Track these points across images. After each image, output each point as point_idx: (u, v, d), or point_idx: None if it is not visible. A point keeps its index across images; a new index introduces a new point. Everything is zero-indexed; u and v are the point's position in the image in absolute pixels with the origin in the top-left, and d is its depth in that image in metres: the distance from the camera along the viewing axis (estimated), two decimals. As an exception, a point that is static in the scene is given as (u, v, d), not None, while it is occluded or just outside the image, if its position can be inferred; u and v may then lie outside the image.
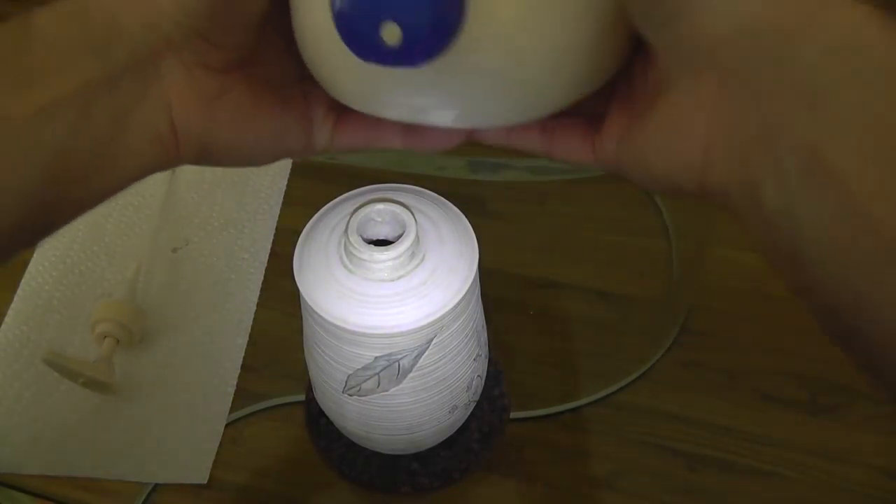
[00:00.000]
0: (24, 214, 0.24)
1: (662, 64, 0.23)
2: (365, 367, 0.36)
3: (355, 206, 0.36)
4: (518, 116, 0.26)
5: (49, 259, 0.54)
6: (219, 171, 0.58)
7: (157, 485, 0.45)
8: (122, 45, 0.24)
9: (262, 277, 0.53)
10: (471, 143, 0.30)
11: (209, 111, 0.26)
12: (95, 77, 0.24)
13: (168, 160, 0.26)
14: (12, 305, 0.52)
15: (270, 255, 0.55)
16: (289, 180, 0.58)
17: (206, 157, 0.27)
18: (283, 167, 0.59)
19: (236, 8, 0.24)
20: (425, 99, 0.25)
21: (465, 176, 0.58)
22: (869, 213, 0.18)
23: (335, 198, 0.38)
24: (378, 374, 0.36)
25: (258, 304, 0.52)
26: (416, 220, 0.35)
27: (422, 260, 0.35)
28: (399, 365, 0.36)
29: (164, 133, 0.25)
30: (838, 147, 0.18)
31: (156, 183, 0.57)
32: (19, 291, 0.53)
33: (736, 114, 0.21)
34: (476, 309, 0.38)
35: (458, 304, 0.35)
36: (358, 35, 0.22)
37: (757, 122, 0.20)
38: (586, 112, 0.27)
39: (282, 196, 0.57)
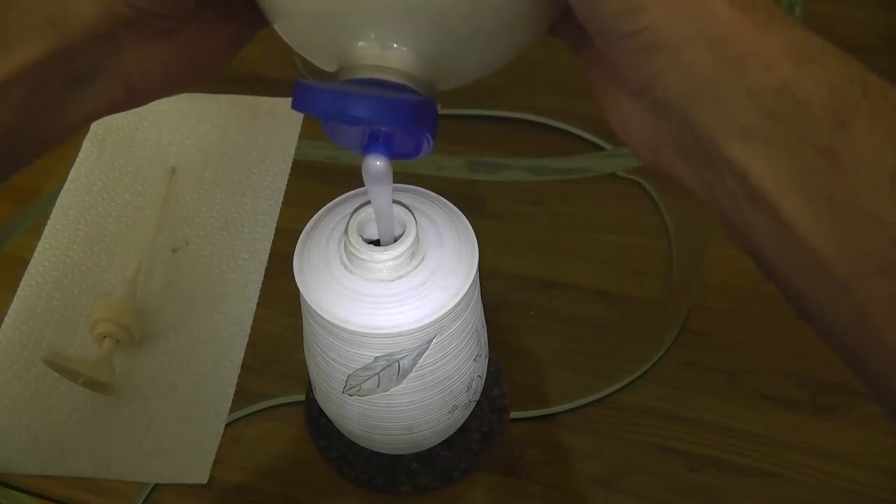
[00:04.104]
0: None
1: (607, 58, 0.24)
2: (365, 368, 0.36)
3: (355, 206, 0.36)
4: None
5: (49, 259, 0.54)
6: (219, 170, 0.58)
7: (157, 485, 0.45)
8: (75, 23, 0.24)
9: (262, 277, 0.53)
10: (471, 143, 0.30)
11: (169, 69, 0.27)
12: (47, 55, 0.24)
13: (119, 111, 0.27)
14: (12, 305, 0.52)
15: (270, 255, 0.55)
16: (289, 180, 0.58)
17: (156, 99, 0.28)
18: (283, 167, 0.59)
19: None
20: None
21: (464, 176, 0.58)
22: (794, 230, 0.21)
23: (335, 198, 0.38)
24: (378, 374, 0.36)
25: (258, 304, 0.52)
26: (416, 220, 0.35)
27: (422, 260, 0.35)
28: (399, 365, 0.36)
29: (119, 99, 0.26)
30: (765, 174, 0.21)
31: (156, 183, 0.57)
32: (19, 291, 0.53)
33: (676, 135, 0.23)
34: (476, 309, 0.38)
35: (459, 304, 0.35)
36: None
37: (696, 145, 0.22)
38: None
39: (282, 196, 0.57)
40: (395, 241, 0.35)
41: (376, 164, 0.29)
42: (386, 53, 0.25)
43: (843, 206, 0.20)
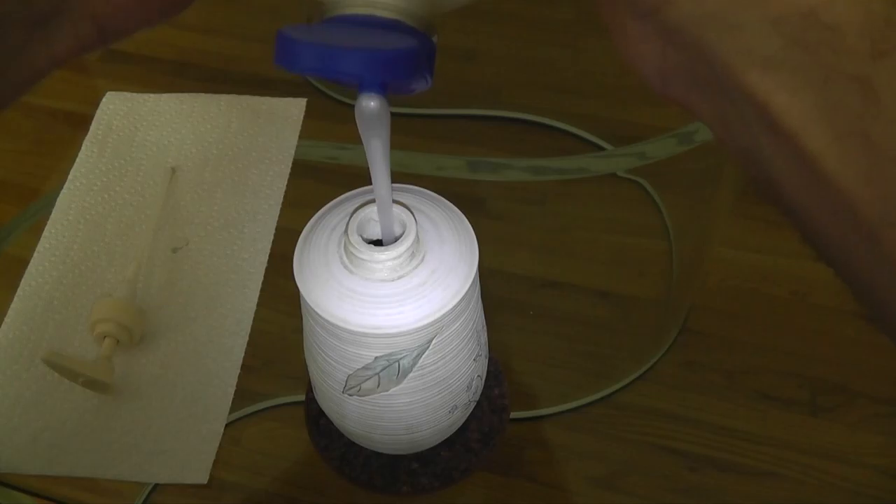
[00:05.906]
0: None
1: None
2: (365, 367, 0.36)
3: (355, 206, 0.36)
4: None
5: (49, 259, 0.54)
6: (219, 171, 0.58)
7: (157, 485, 0.45)
8: None
9: (262, 277, 0.53)
10: (471, 143, 0.30)
11: (142, 3, 0.25)
12: None
13: (92, 50, 0.25)
14: (12, 305, 0.52)
15: (270, 255, 0.55)
16: (289, 180, 0.58)
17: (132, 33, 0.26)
18: (283, 167, 0.59)
19: None
20: None
21: (465, 176, 0.58)
22: (820, 168, 0.19)
23: (335, 198, 0.38)
24: (378, 374, 0.36)
25: (258, 304, 0.52)
26: (416, 220, 0.35)
27: (422, 260, 0.35)
28: (399, 365, 0.36)
29: (89, 37, 0.24)
30: (788, 106, 0.19)
31: (156, 183, 0.57)
32: (19, 291, 0.53)
33: (686, 61, 0.21)
34: (476, 309, 0.38)
35: (459, 304, 0.35)
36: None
37: (709, 73, 0.20)
38: None
39: (282, 196, 0.57)
40: (396, 240, 0.35)
41: (370, 104, 0.26)
42: None
43: (878, 144, 0.18)
